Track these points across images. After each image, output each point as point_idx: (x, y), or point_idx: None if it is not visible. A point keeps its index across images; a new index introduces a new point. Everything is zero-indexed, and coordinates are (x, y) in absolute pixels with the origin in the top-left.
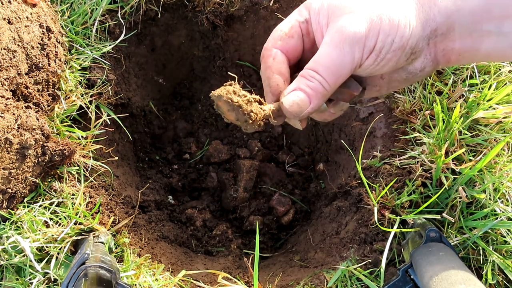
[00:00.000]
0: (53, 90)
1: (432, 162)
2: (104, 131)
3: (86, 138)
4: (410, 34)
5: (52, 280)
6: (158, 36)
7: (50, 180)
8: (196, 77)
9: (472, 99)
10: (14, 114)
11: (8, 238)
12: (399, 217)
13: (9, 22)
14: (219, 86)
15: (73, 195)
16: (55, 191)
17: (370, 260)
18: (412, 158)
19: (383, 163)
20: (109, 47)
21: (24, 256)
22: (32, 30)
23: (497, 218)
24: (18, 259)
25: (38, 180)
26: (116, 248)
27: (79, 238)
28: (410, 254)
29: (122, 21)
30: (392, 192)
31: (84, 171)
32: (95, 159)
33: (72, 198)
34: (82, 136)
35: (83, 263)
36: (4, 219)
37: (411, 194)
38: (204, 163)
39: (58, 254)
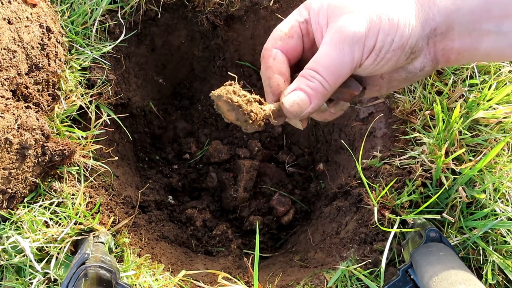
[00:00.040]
0: (53, 90)
1: (432, 162)
2: (104, 131)
3: (86, 138)
4: (410, 33)
5: (52, 280)
6: (158, 36)
7: (50, 180)
8: (196, 77)
9: (472, 99)
10: (14, 114)
11: (8, 238)
12: (399, 217)
13: (9, 22)
14: (219, 86)
15: (73, 195)
16: (55, 191)
17: (370, 260)
18: (412, 158)
19: (383, 163)
20: (109, 47)
21: (24, 256)
22: (32, 30)
23: (497, 218)
24: (18, 259)
25: (38, 180)
26: (116, 248)
27: (79, 238)
28: (410, 254)
29: (122, 21)
30: (392, 192)
31: (84, 171)
32: (95, 159)
33: (72, 198)
34: (82, 136)
35: (83, 263)
36: (4, 219)
37: (411, 194)
38: (204, 163)
39: (58, 254)
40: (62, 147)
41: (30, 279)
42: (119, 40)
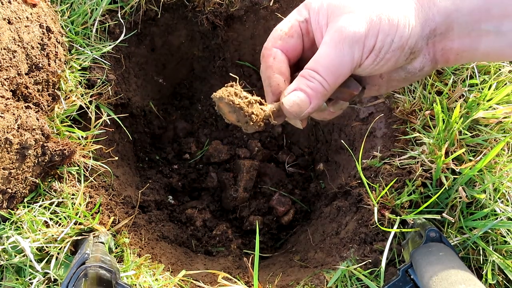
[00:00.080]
0: (53, 90)
1: (432, 162)
2: (104, 131)
3: (86, 138)
4: (409, 34)
5: (52, 280)
6: (158, 36)
7: (50, 180)
8: (196, 77)
9: (472, 99)
10: (14, 114)
11: (8, 238)
12: (399, 217)
13: (9, 22)
14: (219, 86)
15: (73, 195)
16: (55, 191)
17: (370, 260)
18: (412, 158)
19: (383, 163)
20: (109, 47)
21: (24, 256)
22: (32, 30)
23: (497, 218)
24: (18, 259)
25: (38, 180)
26: (116, 248)
27: (79, 238)
28: (410, 254)
29: (122, 21)
30: (392, 192)
31: (84, 171)
32: (95, 159)
33: (72, 198)
34: (82, 136)
35: (83, 263)
36: (4, 219)
37: (411, 194)
38: (204, 163)
39: (58, 254)
40: (62, 147)
41: (30, 279)
42: (119, 40)
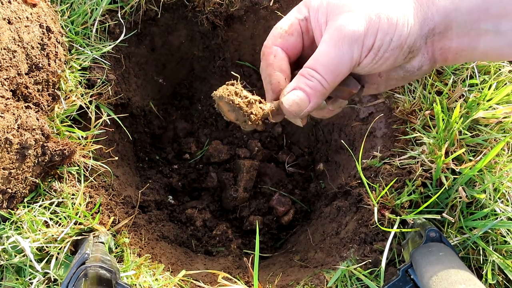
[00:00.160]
0: (53, 90)
1: (432, 162)
2: (104, 131)
3: (86, 138)
4: (408, 33)
5: (52, 280)
6: (158, 36)
7: (50, 180)
8: (196, 77)
9: (472, 99)
10: (14, 114)
11: (8, 238)
12: (399, 217)
13: (9, 22)
14: (219, 86)
15: (73, 195)
16: (55, 191)
17: (370, 260)
18: (412, 158)
19: (383, 163)
20: (109, 47)
21: (24, 256)
22: (32, 30)
23: (497, 218)
24: (18, 259)
25: (38, 180)
26: (116, 248)
27: (79, 238)
28: (410, 254)
29: (122, 21)
30: (392, 192)
31: (84, 171)
32: (95, 159)
33: (72, 198)
34: (82, 136)
35: (83, 263)
36: (4, 219)
37: (411, 194)
38: (204, 163)
39: (58, 254)
40: (62, 147)
41: (30, 279)
42: (119, 40)
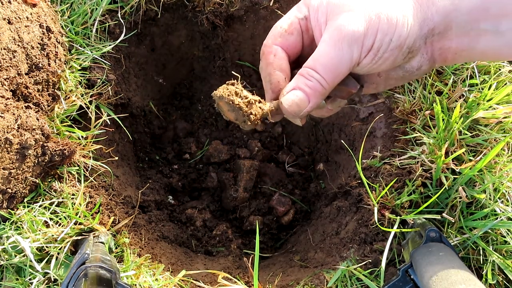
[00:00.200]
0: (53, 90)
1: (432, 162)
2: (104, 131)
3: (86, 138)
4: (408, 33)
5: (52, 280)
6: (158, 36)
7: (50, 180)
8: (196, 77)
9: (472, 99)
10: (14, 114)
11: (8, 238)
12: (399, 217)
13: (9, 22)
14: (219, 86)
15: (73, 195)
16: (55, 191)
17: (370, 260)
18: (412, 158)
19: (383, 163)
20: (109, 47)
21: (24, 256)
22: (32, 30)
23: (497, 218)
24: (18, 259)
25: (38, 180)
26: (116, 248)
27: (79, 238)
28: (410, 254)
29: (122, 21)
30: (392, 192)
31: (84, 171)
32: (95, 159)
33: (72, 198)
34: (82, 136)
35: (83, 263)
36: (4, 219)
37: (411, 194)
38: (204, 163)
39: (58, 254)
40: (62, 147)
41: (30, 279)
42: (119, 40)
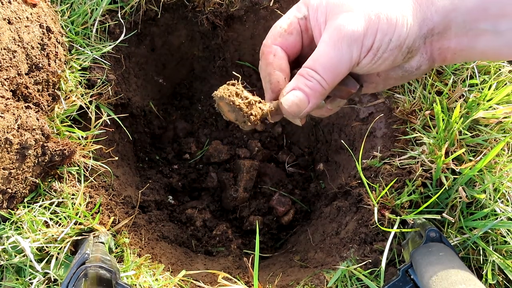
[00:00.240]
0: (53, 90)
1: (432, 162)
2: (104, 131)
3: (86, 138)
4: (407, 33)
5: (52, 280)
6: (158, 36)
7: (50, 180)
8: (196, 77)
9: (472, 99)
10: (14, 114)
11: (8, 238)
12: (399, 217)
13: (9, 22)
14: (219, 86)
15: (73, 195)
16: (55, 191)
17: (370, 260)
18: (412, 158)
19: (383, 163)
20: (109, 47)
21: (24, 256)
22: (32, 30)
23: (497, 218)
24: (18, 259)
25: (38, 180)
26: (116, 248)
27: (79, 238)
28: (410, 254)
29: (122, 21)
30: (392, 192)
31: (84, 171)
32: (95, 159)
33: (72, 198)
34: (82, 136)
35: (83, 263)
36: (4, 219)
37: (411, 194)
38: (204, 163)
39: (58, 254)
40: (62, 147)
41: (30, 279)
42: (119, 40)
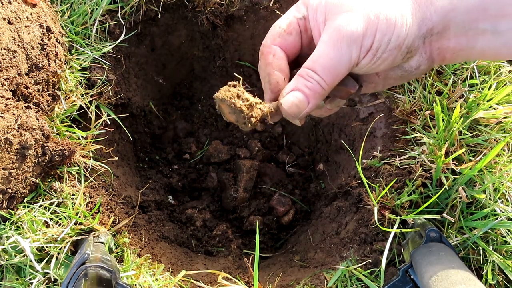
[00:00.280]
0: (53, 90)
1: (432, 162)
2: (104, 131)
3: (86, 138)
4: (407, 33)
5: (52, 280)
6: (158, 36)
7: (50, 180)
8: (196, 77)
9: (472, 99)
10: (14, 114)
11: (8, 238)
12: (399, 217)
13: (9, 22)
14: (219, 86)
15: (73, 195)
16: (55, 191)
17: (370, 260)
18: (412, 158)
19: (383, 163)
20: (109, 47)
21: (24, 256)
22: (32, 30)
23: (497, 218)
24: (18, 259)
25: (38, 180)
26: (116, 248)
27: (79, 238)
28: (410, 254)
29: (122, 21)
30: (392, 192)
31: (84, 171)
32: (95, 159)
33: (72, 198)
34: (82, 136)
35: (83, 263)
36: (4, 219)
37: (411, 194)
38: (204, 163)
39: (58, 254)
40: (62, 147)
41: (30, 279)
42: (119, 40)
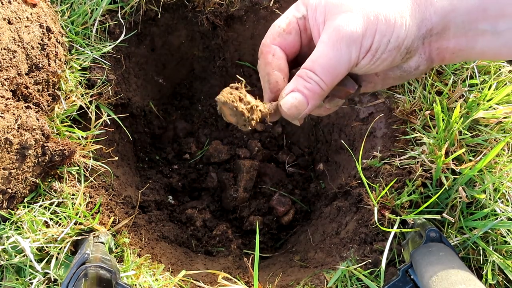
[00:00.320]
0: (53, 90)
1: (432, 162)
2: (104, 131)
3: (86, 138)
4: (406, 34)
5: (52, 280)
6: (158, 36)
7: (50, 180)
8: (196, 77)
9: (472, 99)
10: (14, 114)
11: (8, 238)
12: (399, 217)
13: (9, 22)
14: (219, 86)
15: (73, 195)
16: (55, 191)
17: (370, 260)
18: (412, 158)
19: (383, 163)
20: (109, 47)
21: (24, 256)
22: (32, 30)
23: (497, 218)
24: (18, 259)
25: (38, 180)
26: (116, 248)
27: (79, 238)
28: (410, 254)
29: (122, 21)
30: (392, 192)
31: (84, 171)
32: (95, 159)
33: (72, 198)
34: (82, 136)
35: (83, 263)
36: (4, 219)
37: (411, 194)
38: (204, 163)
39: (58, 254)
40: (62, 147)
41: (30, 279)
42: (119, 40)
